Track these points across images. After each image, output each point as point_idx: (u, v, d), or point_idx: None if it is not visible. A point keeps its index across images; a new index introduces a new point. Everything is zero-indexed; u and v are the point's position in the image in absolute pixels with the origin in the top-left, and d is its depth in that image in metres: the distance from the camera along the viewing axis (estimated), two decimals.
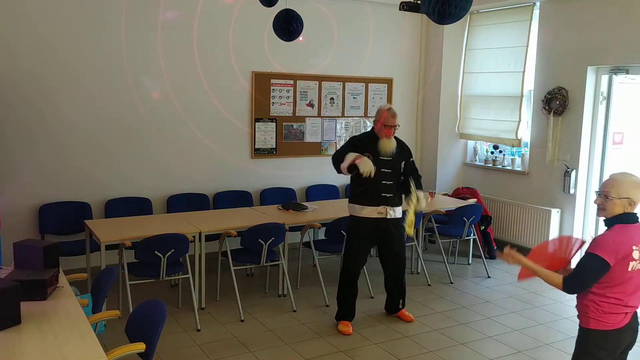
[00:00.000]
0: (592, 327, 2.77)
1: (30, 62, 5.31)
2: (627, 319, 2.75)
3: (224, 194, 6.34)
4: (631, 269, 2.68)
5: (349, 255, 4.68)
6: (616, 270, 2.67)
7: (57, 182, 5.55)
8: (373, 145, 4.54)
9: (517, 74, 6.74)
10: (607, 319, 2.73)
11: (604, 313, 2.73)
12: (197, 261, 4.87)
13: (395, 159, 4.58)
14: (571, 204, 6.30)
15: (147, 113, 5.90)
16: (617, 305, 2.72)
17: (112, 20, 5.62)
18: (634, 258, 2.67)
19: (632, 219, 2.75)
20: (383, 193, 4.53)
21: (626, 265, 2.67)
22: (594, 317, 2.76)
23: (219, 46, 6.18)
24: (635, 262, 2.68)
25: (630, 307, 2.74)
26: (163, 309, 2.91)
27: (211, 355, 4.14)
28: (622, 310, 2.73)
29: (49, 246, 3.30)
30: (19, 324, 2.70)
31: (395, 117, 4.54)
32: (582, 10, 6.02)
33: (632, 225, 2.74)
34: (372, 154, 4.50)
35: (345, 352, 4.26)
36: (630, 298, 2.73)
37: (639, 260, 2.68)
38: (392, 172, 4.58)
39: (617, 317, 2.73)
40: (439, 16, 3.17)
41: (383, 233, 4.62)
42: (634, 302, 2.75)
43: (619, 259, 2.66)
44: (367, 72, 7.19)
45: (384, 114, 4.53)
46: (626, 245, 2.67)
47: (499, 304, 5.30)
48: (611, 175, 2.84)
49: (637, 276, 2.71)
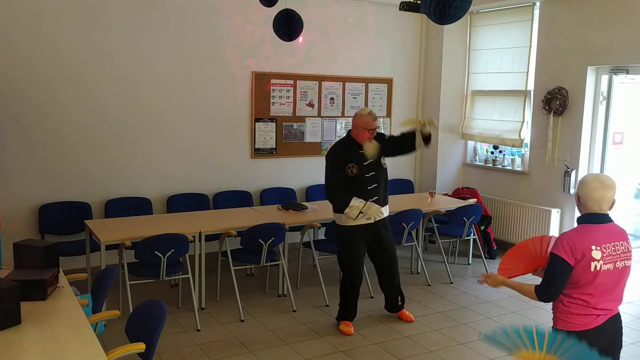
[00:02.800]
0: (558, 328, 2.75)
1: (30, 61, 5.31)
2: (597, 322, 2.68)
3: (224, 194, 6.34)
4: (594, 269, 2.63)
5: (346, 262, 4.63)
6: (578, 271, 2.63)
7: (57, 182, 5.55)
8: (356, 153, 4.49)
9: (521, 74, 6.74)
10: (573, 320, 2.70)
11: (570, 314, 2.70)
12: (197, 261, 4.87)
13: (375, 158, 4.56)
14: (571, 204, 6.30)
15: (147, 113, 5.91)
16: (584, 307, 2.67)
17: (113, 20, 5.62)
18: (595, 258, 2.62)
19: (598, 219, 2.70)
20: (370, 198, 4.51)
21: (587, 265, 2.62)
22: (561, 318, 2.74)
23: (219, 46, 6.18)
24: (597, 262, 2.63)
25: (601, 310, 2.68)
26: (163, 309, 2.91)
27: (211, 355, 4.14)
28: (591, 312, 2.67)
29: (49, 246, 3.31)
30: (19, 324, 2.70)
31: (377, 119, 4.56)
32: (582, 10, 6.03)
33: (597, 225, 2.69)
34: (357, 163, 4.47)
35: (345, 352, 4.26)
36: (600, 300, 2.67)
37: (601, 261, 2.63)
38: (376, 172, 4.56)
39: (585, 319, 2.68)
40: (438, 16, 3.17)
41: (373, 235, 4.61)
42: (605, 305, 2.69)
43: (577, 258, 2.62)
44: (367, 72, 7.20)
45: (366, 118, 4.48)
46: (583, 244, 2.63)
47: (499, 304, 5.30)
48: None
49: (605, 277, 2.65)
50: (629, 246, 2.75)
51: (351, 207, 4.41)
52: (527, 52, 6.65)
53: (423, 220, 5.90)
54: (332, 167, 4.53)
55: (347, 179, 4.47)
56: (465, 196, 6.78)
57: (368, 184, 4.51)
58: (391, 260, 4.78)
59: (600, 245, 2.65)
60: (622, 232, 2.77)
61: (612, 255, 2.67)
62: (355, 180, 4.47)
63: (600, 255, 2.64)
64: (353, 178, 4.47)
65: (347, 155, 4.50)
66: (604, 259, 2.64)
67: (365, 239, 4.61)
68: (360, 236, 4.57)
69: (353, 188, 4.47)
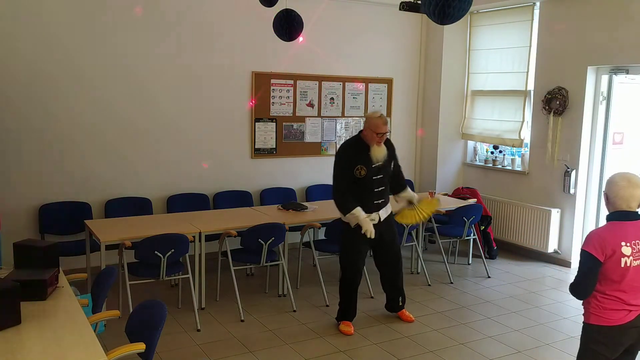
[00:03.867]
0: (591, 322, 2.82)
1: (31, 61, 5.31)
2: (630, 317, 2.76)
3: (224, 194, 6.34)
4: (624, 265, 2.70)
5: (347, 261, 4.65)
6: (609, 267, 2.71)
7: (57, 182, 5.55)
8: (364, 154, 4.48)
9: (521, 74, 6.75)
10: (607, 315, 2.77)
11: (604, 309, 2.77)
12: (197, 261, 4.87)
13: (385, 162, 4.56)
14: (571, 204, 6.30)
15: (148, 113, 5.91)
16: (617, 302, 2.75)
17: (113, 19, 5.62)
18: (625, 254, 2.69)
19: (627, 217, 2.77)
20: (376, 201, 4.52)
21: (618, 261, 2.69)
22: (594, 313, 2.81)
23: (219, 46, 6.18)
24: (627, 258, 2.69)
25: (633, 305, 2.75)
26: (163, 309, 2.91)
27: (211, 355, 4.14)
28: (624, 307, 2.75)
29: (49, 246, 3.30)
30: (19, 324, 2.70)
31: (387, 124, 4.50)
32: (582, 11, 6.02)
33: (626, 222, 2.76)
34: (365, 164, 4.46)
35: (345, 352, 4.26)
36: (632, 296, 2.74)
37: (631, 257, 2.70)
38: (384, 176, 4.57)
39: (618, 314, 2.75)
40: (438, 16, 3.17)
41: (377, 234, 4.59)
42: (638, 301, 2.76)
43: (607, 254, 2.69)
44: (367, 72, 7.20)
45: (375, 121, 4.44)
46: (613, 241, 2.70)
47: (499, 304, 5.30)
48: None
49: (636, 273, 2.72)
50: None
51: (352, 214, 4.41)
52: (527, 52, 6.65)
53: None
54: (341, 167, 4.50)
55: (355, 180, 4.46)
56: (465, 196, 6.78)
57: (375, 186, 4.51)
58: (394, 260, 4.78)
59: (630, 241, 2.72)
60: None
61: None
62: (363, 182, 4.46)
63: (631, 252, 2.71)
64: (361, 180, 4.45)
65: (356, 156, 4.47)
66: (634, 255, 2.71)
67: (369, 238, 4.57)
68: (364, 236, 4.54)
69: (361, 189, 4.45)
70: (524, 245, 6.74)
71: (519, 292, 5.63)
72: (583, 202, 6.30)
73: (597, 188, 6.22)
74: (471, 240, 6.46)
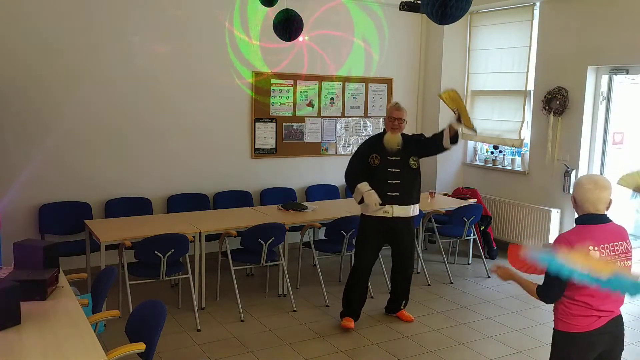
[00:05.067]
0: (559, 329, 2.75)
1: (30, 60, 5.31)
2: (599, 323, 2.67)
3: (224, 194, 6.34)
4: None
5: (358, 254, 4.70)
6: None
7: (57, 182, 5.55)
8: (382, 145, 4.59)
9: (521, 74, 6.74)
10: (574, 321, 2.69)
11: (571, 315, 2.69)
12: (197, 261, 4.87)
13: (403, 157, 4.56)
14: (571, 204, 6.28)
15: (147, 113, 5.90)
16: (586, 308, 2.66)
17: (113, 19, 5.62)
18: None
19: (596, 220, 2.70)
20: (389, 192, 4.52)
21: None
22: (562, 319, 2.74)
23: (219, 46, 6.18)
24: None
25: (602, 311, 2.67)
26: (163, 309, 2.91)
27: (211, 355, 4.14)
28: (592, 314, 2.66)
29: (49, 246, 3.30)
30: (19, 324, 2.70)
31: (401, 110, 4.58)
32: (582, 10, 6.03)
33: (594, 225, 2.69)
34: (380, 154, 4.54)
35: (345, 352, 4.26)
36: (601, 302, 2.65)
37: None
38: (400, 170, 4.56)
39: (586, 320, 2.66)
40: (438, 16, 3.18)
41: (391, 231, 4.61)
42: (607, 306, 2.67)
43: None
44: (367, 72, 7.19)
45: (389, 108, 4.66)
46: (580, 245, 2.61)
47: (499, 304, 5.30)
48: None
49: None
50: (628, 246, 2.73)
51: (357, 189, 4.54)
52: (527, 52, 6.65)
53: (423, 220, 5.90)
54: (357, 154, 4.71)
55: (370, 168, 4.56)
56: (465, 196, 6.79)
57: (389, 178, 4.53)
58: (406, 265, 4.78)
59: (599, 245, 2.64)
60: (621, 232, 2.75)
61: (611, 255, 2.65)
62: (376, 171, 4.54)
63: (598, 256, 2.62)
64: (375, 168, 4.55)
65: (373, 146, 4.62)
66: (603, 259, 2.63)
67: (382, 232, 4.61)
68: (376, 229, 4.59)
69: (374, 178, 4.54)
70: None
71: (519, 292, 5.57)
72: None
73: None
74: (471, 240, 6.46)
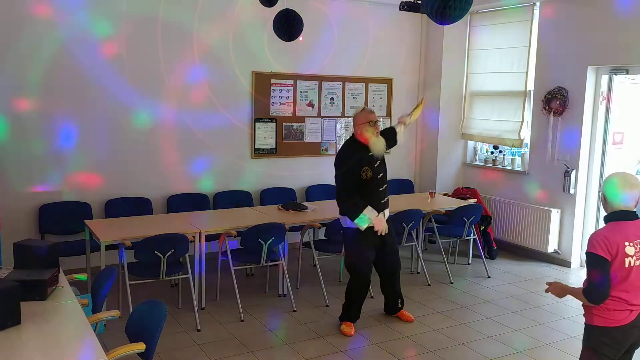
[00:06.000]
0: (595, 324, 2.81)
1: (30, 61, 5.31)
2: (632, 317, 2.76)
3: (224, 194, 6.34)
4: (628, 265, 2.70)
5: (359, 268, 4.54)
6: (614, 267, 2.70)
7: (57, 182, 5.54)
8: (367, 155, 4.37)
9: (520, 74, 6.74)
10: (610, 316, 2.76)
11: (607, 310, 2.76)
12: (197, 261, 4.87)
13: (382, 158, 4.51)
14: (571, 204, 6.30)
15: (147, 113, 5.90)
16: (620, 303, 2.74)
17: (113, 19, 5.62)
18: (628, 254, 2.69)
19: (627, 217, 2.77)
20: (382, 200, 4.49)
21: (622, 261, 2.69)
22: (597, 314, 2.79)
23: (219, 46, 6.18)
24: (631, 258, 2.69)
25: (635, 305, 2.75)
26: (163, 309, 2.91)
27: (211, 355, 4.14)
28: (626, 308, 2.75)
29: (49, 246, 3.30)
30: (19, 324, 2.70)
31: (374, 112, 4.52)
32: (582, 10, 6.02)
33: (626, 222, 2.76)
34: (370, 166, 4.38)
35: (345, 352, 4.26)
36: (634, 296, 2.74)
37: (634, 256, 2.70)
38: (384, 174, 4.53)
39: (621, 315, 2.75)
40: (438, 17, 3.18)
41: (380, 240, 4.55)
42: (639, 300, 2.76)
43: (612, 254, 2.68)
44: (367, 72, 7.19)
45: (364, 114, 4.43)
46: (615, 241, 2.69)
47: (499, 304, 5.30)
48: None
49: (638, 273, 2.72)
50: None
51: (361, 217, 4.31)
52: (527, 52, 6.64)
53: (423, 220, 5.89)
54: (345, 173, 4.36)
55: (361, 183, 4.35)
56: (465, 196, 6.78)
57: (380, 186, 4.47)
58: (394, 266, 4.76)
59: (632, 241, 2.72)
60: None
61: None
62: (369, 183, 4.37)
63: (634, 251, 2.71)
64: (367, 182, 4.36)
65: (359, 159, 4.35)
66: (637, 255, 2.71)
67: (375, 239, 4.52)
68: (371, 239, 4.49)
69: (365, 191, 4.36)
70: (524, 245, 6.74)
71: (519, 292, 5.63)
72: (583, 202, 6.30)
73: (597, 188, 6.22)
74: (471, 240, 6.46)
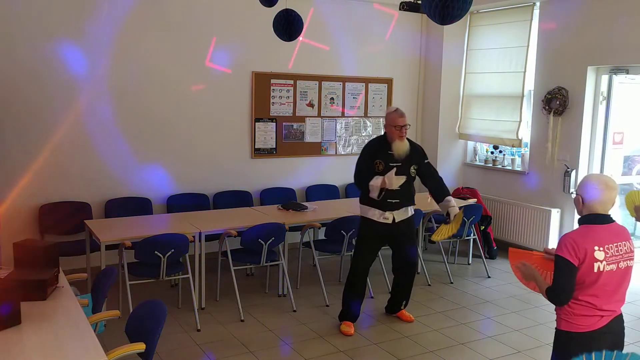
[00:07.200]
0: (562, 328, 2.75)
1: (29, 60, 5.31)
2: (602, 322, 2.68)
3: (224, 194, 6.34)
4: (597, 270, 2.62)
5: (356, 255, 4.68)
6: (582, 272, 2.63)
7: (57, 182, 5.54)
8: (384, 150, 4.51)
9: (518, 74, 6.74)
10: (577, 321, 2.69)
11: (574, 315, 2.69)
12: (197, 261, 4.87)
13: (404, 164, 4.52)
14: (571, 204, 6.30)
15: (147, 113, 5.90)
16: (588, 308, 2.67)
17: (113, 18, 5.62)
18: (597, 259, 2.61)
19: (600, 220, 2.70)
20: (389, 199, 4.50)
21: (591, 265, 2.61)
22: (565, 319, 2.74)
23: (219, 46, 6.18)
24: (600, 263, 2.62)
25: (605, 311, 2.68)
26: (163, 309, 2.91)
27: (211, 355, 4.14)
28: (595, 313, 2.67)
29: (49, 246, 3.31)
30: (19, 324, 2.70)
31: (404, 117, 4.50)
32: (582, 10, 6.03)
33: (598, 225, 2.69)
34: (383, 160, 4.48)
35: (345, 352, 4.26)
36: (604, 301, 2.66)
37: (604, 261, 2.62)
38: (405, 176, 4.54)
39: (589, 320, 2.67)
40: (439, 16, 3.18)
41: (391, 236, 4.62)
42: (610, 306, 2.68)
43: (580, 258, 2.61)
44: (367, 72, 7.20)
45: (392, 115, 4.50)
46: (584, 245, 2.61)
47: (499, 304, 5.30)
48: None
49: (608, 278, 2.64)
50: (631, 246, 2.74)
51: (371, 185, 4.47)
52: (525, 52, 6.64)
53: (423, 220, 5.90)
54: (363, 157, 4.62)
55: (374, 173, 4.50)
56: (465, 196, 6.79)
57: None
58: (409, 266, 4.77)
59: (603, 245, 2.64)
60: (624, 232, 2.76)
61: (615, 255, 2.66)
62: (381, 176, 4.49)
63: (604, 256, 2.63)
64: (379, 174, 4.48)
65: (376, 152, 4.53)
66: (607, 260, 2.63)
67: (381, 236, 4.60)
68: (377, 232, 4.57)
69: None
70: (524, 245, 6.74)
71: (519, 292, 5.63)
72: None
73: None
74: (471, 240, 6.46)
